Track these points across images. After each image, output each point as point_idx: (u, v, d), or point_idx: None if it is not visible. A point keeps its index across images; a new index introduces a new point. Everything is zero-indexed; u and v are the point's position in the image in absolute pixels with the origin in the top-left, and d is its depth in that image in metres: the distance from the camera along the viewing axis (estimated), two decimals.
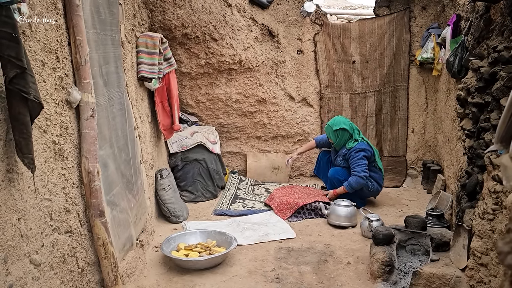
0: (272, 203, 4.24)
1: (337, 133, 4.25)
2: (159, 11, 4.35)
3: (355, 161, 4.12)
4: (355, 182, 4.06)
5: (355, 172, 4.08)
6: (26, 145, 1.58)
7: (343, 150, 4.28)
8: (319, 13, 5.12)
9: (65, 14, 2.11)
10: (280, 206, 4.13)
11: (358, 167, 4.08)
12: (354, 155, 4.14)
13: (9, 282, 1.57)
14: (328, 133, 4.31)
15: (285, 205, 4.10)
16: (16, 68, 1.49)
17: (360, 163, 4.10)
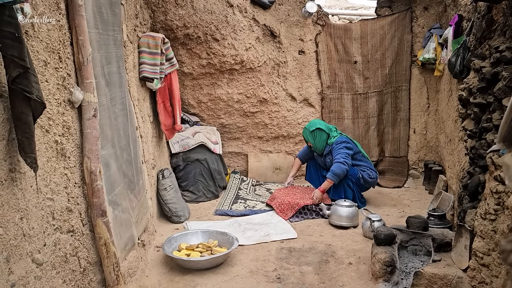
0: (273, 203, 4.24)
1: (314, 134, 4.30)
2: (161, 11, 4.36)
3: (336, 151, 4.20)
4: (337, 168, 4.08)
5: (335, 159, 4.14)
6: (28, 145, 1.58)
7: (326, 149, 4.33)
8: (321, 14, 5.12)
9: (67, 14, 2.12)
10: (281, 206, 4.13)
11: (338, 155, 4.14)
12: (335, 147, 4.23)
13: (12, 281, 1.57)
14: (306, 136, 4.36)
15: (287, 205, 4.10)
16: (19, 67, 1.49)
17: (340, 151, 4.16)
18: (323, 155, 4.40)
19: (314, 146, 4.36)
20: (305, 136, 4.38)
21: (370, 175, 4.30)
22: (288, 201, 4.11)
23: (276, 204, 4.19)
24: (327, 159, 4.35)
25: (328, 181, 4.10)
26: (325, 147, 4.33)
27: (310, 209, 4.12)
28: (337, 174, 4.08)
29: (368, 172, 4.30)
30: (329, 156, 4.32)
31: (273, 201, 4.27)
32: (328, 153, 4.32)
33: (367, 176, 4.27)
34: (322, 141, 4.32)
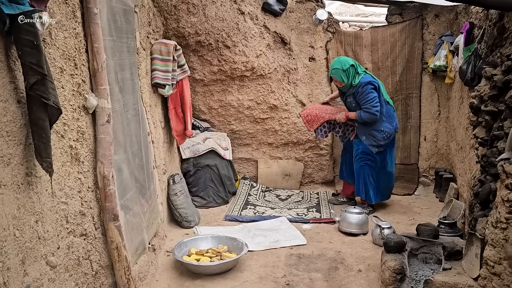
0: (302, 113, 4.54)
1: (348, 72, 4.06)
2: (174, 18, 4.42)
3: (364, 96, 4.03)
4: (367, 117, 4.05)
5: (365, 108, 4.03)
6: (45, 149, 1.63)
7: (351, 89, 4.14)
8: (331, 21, 5.14)
9: (83, 22, 2.17)
10: (308, 117, 4.45)
11: (368, 103, 4.01)
12: (361, 90, 4.03)
13: (27, 283, 1.61)
14: (339, 76, 4.06)
15: (314, 117, 4.43)
16: (37, 74, 1.54)
17: (368, 98, 4.01)
18: (345, 95, 4.29)
19: (346, 84, 4.12)
20: (338, 77, 4.07)
21: (396, 123, 4.28)
22: (315, 113, 4.40)
23: (304, 115, 4.47)
24: (350, 99, 4.22)
25: (356, 115, 4.13)
26: (349, 86, 4.14)
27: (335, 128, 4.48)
28: (364, 119, 4.07)
29: (394, 121, 4.26)
30: (350, 97, 4.20)
31: (303, 112, 4.54)
32: (352, 94, 4.16)
33: (395, 124, 4.26)
34: (352, 77, 4.11)
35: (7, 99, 1.53)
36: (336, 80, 4.15)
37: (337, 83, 4.19)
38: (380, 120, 4.10)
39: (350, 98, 4.20)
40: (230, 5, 4.64)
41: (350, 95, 4.19)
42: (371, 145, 4.16)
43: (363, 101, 4.03)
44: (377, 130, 4.14)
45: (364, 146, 4.22)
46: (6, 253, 1.46)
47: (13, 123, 1.56)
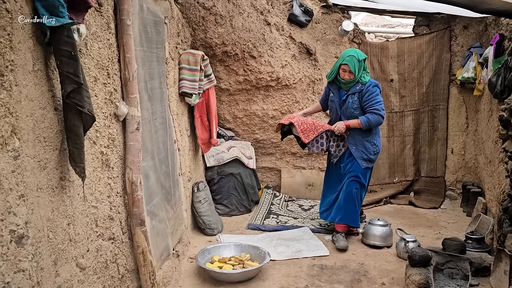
0: (294, 120, 3.77)
1: (361, 65, 3.62)
2: (201, 29, 4.52)
3: (374, 97, 3.60)
4: (375, 120, 3.60)
5: (375, 110, 3.59)
6: (78, 155, 1.69)
7: (356, 87, 3.66)
8: (357, 32, 5.14)
9: (116, 33, 2.25)
10: (303, 125, 3.73)
11: (377, 104, 3.60)
12: (372, 90, 3.60)
13: (58, 283, 1.67)
14: (353, 65, 3.56)
15: (310, 126, 3.73)
16: (73, 83, 1.61)
17: (378, 99, 3.61)
18: (346, 93, 3.71)
19: (352, 80, 3.63)
20: (352, 66, 3.57)
21: (376, 149, 3.77)
22: (311, 122, 3.75)
23: (298, 123, 3.73)
24: (352, 99, 3.68)
25: (358, 121, 3.62)
26: (355, 84, 3.66)
27: (331, 140, 3.77)
28: (372, 124, 3.63)
29: (374, 147, 3.76)
30: (353, 97, 3.67)
31: (293, 119, 3.79)
32: (359, 91, 3.65)
33: (372, 153, 3.75)
34: (359, 76, 3.64)
35: (45, 106, 1.61)
36: (345, 71, 3.61)
37: (345, 75, 3.62)
38: (375, 132, 3.76)
39: (353, 97, 3.68)
40: (257, 16, 4.70)
41: (354, 94, 3.67)
42: (361, 158, 3.71)
43: (373, 102, 3.60)
44: (370, 142, 3.73)
45: (353, 164, 3.73)
46: (40, 254, 1.52)
47: (50, 129, 1.64)
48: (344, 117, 3.73)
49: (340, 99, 3.76)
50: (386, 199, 5.11)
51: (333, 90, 3.81)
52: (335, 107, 3.80)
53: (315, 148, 3.73)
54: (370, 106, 3.61)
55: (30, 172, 1.49)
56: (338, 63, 3.66)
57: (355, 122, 3.64)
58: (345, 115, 3.73)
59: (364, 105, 3.64)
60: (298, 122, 3.73)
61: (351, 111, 3.69)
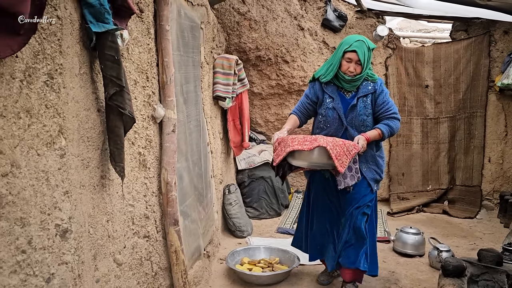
0: (320, 142, 2.54)
1: (370, 55, 2.78)
2: (236, 34, 4.59)
3: (388, 99, 2.85)
4: (396, 128, 2.85)
5: (394, 114, 2.82)
6: (118, 155, 1.76)
7: (368, 86, 2.80)
8: (392, 37, 5.08)
9: (155, 38, 2.33)
10: (336, 149, 2.53)
11: (394, 107, 2.87)
12: (385, 90, 2.86)
13: (96, 277, 1.74)
14: (362, 53, 2.70)
15: (341, 148, 2.55)
16: (116, 86, 1.68)
17: (392, 101, 2.87)
18: (355, 96, 2.81)
19: (358, 76, 2.75)
20: (361, 53, 2.69)
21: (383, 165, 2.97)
22: (342, 143, 2.57)
23: (331, 145, 2.49)
24: (360, 105, 2.79)
25: (378, 132, 2.76)
26: (362, 82, 2.81)
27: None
28: (393, 133, 2.84)
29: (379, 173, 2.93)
30: (366, 100, 2.80)
31: (315, 143, 2.52)
32: (371, 92, 2.81)
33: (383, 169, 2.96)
34: (367, 71, 2.80)
35: (89, 107, 1.69)
36: (351, 61, 2.72)
37: (350, 67, 2.73)
38: (381, 144, 2.96)
39: (365, 101, 2.81)
40: (291, 21, 4.73)
41: (366, 96, 2.81)
42: (374, 179, 2.86)
43: (390, 105, 2.82)
44: (381, 157, 2.94)
45: (360, 189, 2.82)
46: (81, 248, 1.60)
47: (93, 129, 1.72)
48: (353, 128, 2.80)
49: (346, 105, 2.81)
50: (418, 207, 5.01)
51: (331, 93, 2.83)
52: (337, 116, 2.81)
53: (349, 179, 2.64)
54: (388, 110, 2.81)
55: (74, 170, 1.56)
56: (340, 52, 2.73)
57: (374, 134, 2.76)
58: (354, 125, 2.80)
59: (379, 110, 2.81)
60: (327, 143, 2.50)
61: (362, 119, 2.79)
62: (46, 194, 1.38)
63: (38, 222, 1.34)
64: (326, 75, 2.82)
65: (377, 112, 2.83)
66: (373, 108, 2.83)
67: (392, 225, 4.41)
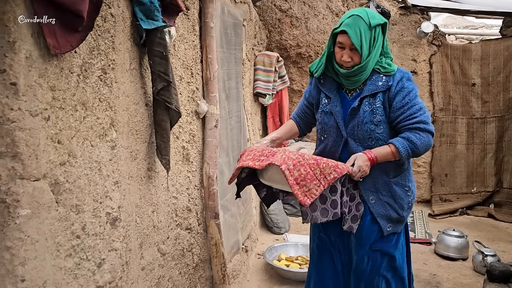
0: (275, 159, 1.80)
1: (374, 35, 1.88)
2: (277, 31, 4.60)
3: (413, 100, 1.91)
4: (423, 143, 1.89)
5: (421, 123, 1.89)
6: (164, 148, 1.82)
7: (377, 82, 1.93)
8: (437, 33, 4.93)
9: (200, 35, 2.39)
10: (297, 167, 1.75)
11: (421, 113, 1.91)
12: (407, 87, 1.92)
13: (142, 265, 1.81)
14: (356, 33, 1.84)
15: (310, 167, 1.76)
16: (163, 81, 1.74)
17: (420, 104, 1.93)
18: (358, 96, 1.98)
19: (358, 68, 1.90)
20: (353, 34, 1.85)
21: (410, 197, 2.05)
22: (314, 162, 1.77)
23: (286, 162, 1.75)
24: (365, 108, 1.94)
25: (391, 148, 1.89)
26: (369, 76, 1.95)
27: (344, 192, 1.91)
28: (417, 151, 1.90)
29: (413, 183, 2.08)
30: (373, 101, 1.94)
31: (267, 156, 1.84)
32: (376, 93, 1.93)
33: (406, 204, 2.03)
34: (374, 59, 1.92)
35: (138, 102, 1.76)
36: (342, 47, 1.90)
37: (343, 56, 1.89)
38: (408, 166, 2.04)
39: (373, 102, 1.94)
40: (332, 18, 4.69)
41: (374, 96, 1.94)
42: (386, 216, 1.97)
43: (414, 109, 1.90)
44: (402, 186, 2.00)
45: (367, 228, 1.98)
46: (129, 236, 1.67)
47: (141, 123, 1.78)
48: (356, 141, 1.97)
49: (346, 108, 2.00)
50: (462, 210, 4.85)
51: (329, 92, 2.04)
52: (334, 123, 2.02)
53: (320, 214, 1.87)
54: (410, 117, 1.90)
55: (123, 161, 1.63)
56: (331, 36, 1.95)
57: (385, 152, 1.90)
58: (357, 137, 1.97)
59: (397, 117, 1.92)
60: (285, 161, 1.74)
61: (368, 128, 1.94)
62: (99, 184, 1.45)
63: (91, 209, 1.41)
64: (318, 67, 2.03)
65: (395, 119, 1.92)
66: (387, 113, 1.93)
67: (434, 227, 4.29)
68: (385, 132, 1.96)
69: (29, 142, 1.12)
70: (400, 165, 1.99)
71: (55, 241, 1.23)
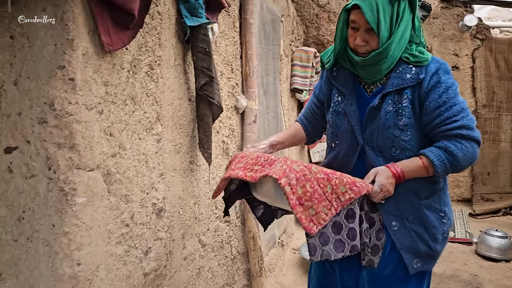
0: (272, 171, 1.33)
1: (396, 12, 1.44)
2: (314, 27, 4.58)
3: (452, 98, 1.47)
4: (465, 154, 1.45)
5: (463, 128, 1.45)
6: (207, 142, 1.87)
7: (405, 74, 1.49)
8: (481, 27, 4.77)
9: (240, 31, 2.42)
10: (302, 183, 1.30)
11: (463, 116, 1.46)
12: (445, 81, 1.48)
13: (184, 255, 1.87)
14: (372, 9, 1.40)
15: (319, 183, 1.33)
16: (206, 77, 1.78)
17: (461, 104, 1.48)
18: (379, 92, 1.54)
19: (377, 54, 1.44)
20: (369, 10, 1.40)
21: (446, 225, 1.58)
22: (324, 176, 1.34)
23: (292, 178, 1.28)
24: (387, 108, 1.50)
25: (423, 160, 1.47)
26: (394, 66, 1.52)
27: (364, 218, 1.46)
28: (456, 162, 1.45)
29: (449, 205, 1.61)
30: (400, 99, 1.49)
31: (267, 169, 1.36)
32: (403, 88, 1.49)
33: (441, 234, 1.56)
34: (400, 44, 1.47)
35: (181, 97, 1.81)
36: (355, 27, 1.47)
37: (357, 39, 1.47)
38: (443, 186, 1.58)
39: (396, 101, 1.50)
40: None
41: (398, 92, 1.50)
42: (413, 249, 1.52)
43: (454, 111, 1.46)
44: (435, 210, 1.55)
45: (388, 264, 1.52)
46: (173, 227, 1.73)
47: (184, 117, 1.84)
48: (374, 151, 1.55)
49: (363, 107, 1.58)
50: (505, 210, 4.68)
51: (343, 87, 1.62)
52: (348, 127, 1.60)
53: (334, 248, 1.35)
54: (449, 121, 1.46)
55: (168, 154, 1.69)
56: (343, 14, 1.52)
57: (415, 166, 1.47)
58: (376, 145, 1.54)
59: (432, 120, 1.49)
60: (286, 173, 1.29)
61: (393, 134, 1.50)
62: (146, 175, 1.51)
63: (139, 199, 1.48)
64: (330, 56, 1.64)
65: (428, 123, 1.48)
66: (416, 115, 1.49)
67: (475, 227, 4.17)
68: (414, 140, 1.49)
69: (85, 134, 1.19)
70: (433, 182, 1.52)
71: (107, 229, 1.30)
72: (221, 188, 1.53)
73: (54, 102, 1.13)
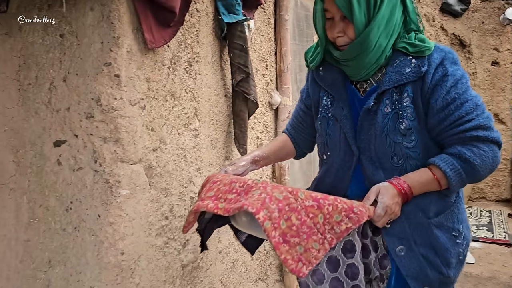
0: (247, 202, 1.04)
1: None
2: None
3: (462, 94, 1.18)
4: (484, 161, 1.18)
5: (481, 130, 1.18)
6: (242, 137, 1.89)
7: (404, 69, 1.19)
8: None
9: (275, 28, 2.43)
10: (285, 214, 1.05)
11: (478, 114, 1.19)
12: (454, 74, 1.19)
13: (219, 248, 1.91)
14: None
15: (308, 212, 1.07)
16: (243, 73, 1.80)
17: (475, 99, 1.19)
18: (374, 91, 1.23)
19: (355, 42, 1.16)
20: None
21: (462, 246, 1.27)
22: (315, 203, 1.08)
23: (272, 210, 1.02)
24: (385, 110, 1.21)
25: (434, 172, 1.18)
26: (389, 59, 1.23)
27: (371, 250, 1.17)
28: (474, 171, 1.18)
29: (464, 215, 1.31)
30: (400, 98, 1.20)
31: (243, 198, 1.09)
32: (402, 85, 1.20)
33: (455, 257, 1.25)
34: (386, 30, 1.17)
35: (218, 93, 1.84)
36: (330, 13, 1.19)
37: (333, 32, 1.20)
38: (458, 200, 1.28)
39: (395, 100, 1.21)
40: None
41: (396, 90, 1.21)
42: (422, 277, 1.22)
43: (465, 109, 1.18)
44: (448, 229, 1.25)
45: None
46: None
47: (220, 113, 1.87)
48: (371, 162, 1.26)
49: (356, 110, 1.29)
50: None
51: (331, 88, 1.33)
52: (341, 135, 1.31)
53: (329, 287, 1.08)
54: (462, 121, 1.18)
55: (205, 149, 1.73)
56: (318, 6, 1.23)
57: (424, 179, 1.20)
58: (375, 155, 1.25)
59: (440, 121, 1.20)
60: (265, 204, 1.02)
61: (393, 140, 1.22)
62: (184, 169, 1.55)
63: (177, 193, 1.52)
64: (314, 54, 1.38)
65: (436, 125, 1.21)
66: (424, 117, 1.22)
67: None
68: (419, 146, 1.22)
69: (129, 129, 1.23)
70: (445, 196, 1.24)
71: (148, 220, 1.35)
72: (191, 222, 1.26)
73: (100, 98, 1.18)
